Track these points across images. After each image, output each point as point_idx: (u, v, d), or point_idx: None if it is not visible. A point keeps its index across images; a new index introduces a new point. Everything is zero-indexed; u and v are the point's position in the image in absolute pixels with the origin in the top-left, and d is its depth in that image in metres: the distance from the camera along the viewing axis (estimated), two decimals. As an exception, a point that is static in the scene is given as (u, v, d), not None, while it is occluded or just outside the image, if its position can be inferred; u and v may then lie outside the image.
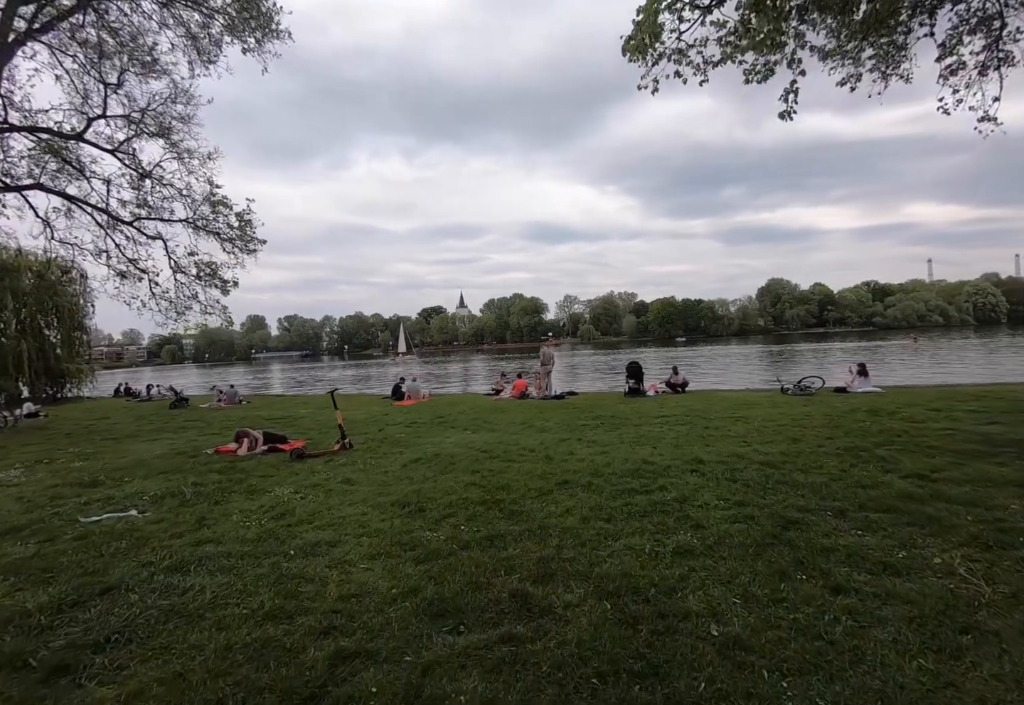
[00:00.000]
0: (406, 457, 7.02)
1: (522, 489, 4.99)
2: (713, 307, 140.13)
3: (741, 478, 5.08)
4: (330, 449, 7.82)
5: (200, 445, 9.34)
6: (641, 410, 10.95)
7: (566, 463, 6.14)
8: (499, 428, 9.52)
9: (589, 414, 10.68)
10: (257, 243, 15.73)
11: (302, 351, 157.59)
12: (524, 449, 7.17)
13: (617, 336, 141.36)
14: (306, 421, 12.65)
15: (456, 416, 11.64)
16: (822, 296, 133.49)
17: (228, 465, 7.16)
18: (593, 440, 7.73)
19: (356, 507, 4.73)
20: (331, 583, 3.08)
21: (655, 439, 7.58)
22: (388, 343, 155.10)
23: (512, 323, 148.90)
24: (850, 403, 10.71)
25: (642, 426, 8.90)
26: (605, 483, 5.10)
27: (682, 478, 5.17)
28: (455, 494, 4.94)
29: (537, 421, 10.17)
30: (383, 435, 9.34)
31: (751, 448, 6.60)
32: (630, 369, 13.47)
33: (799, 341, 73.74)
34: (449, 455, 6.96)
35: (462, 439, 8.38)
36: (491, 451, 7.13)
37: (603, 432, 8.49)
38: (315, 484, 5.76)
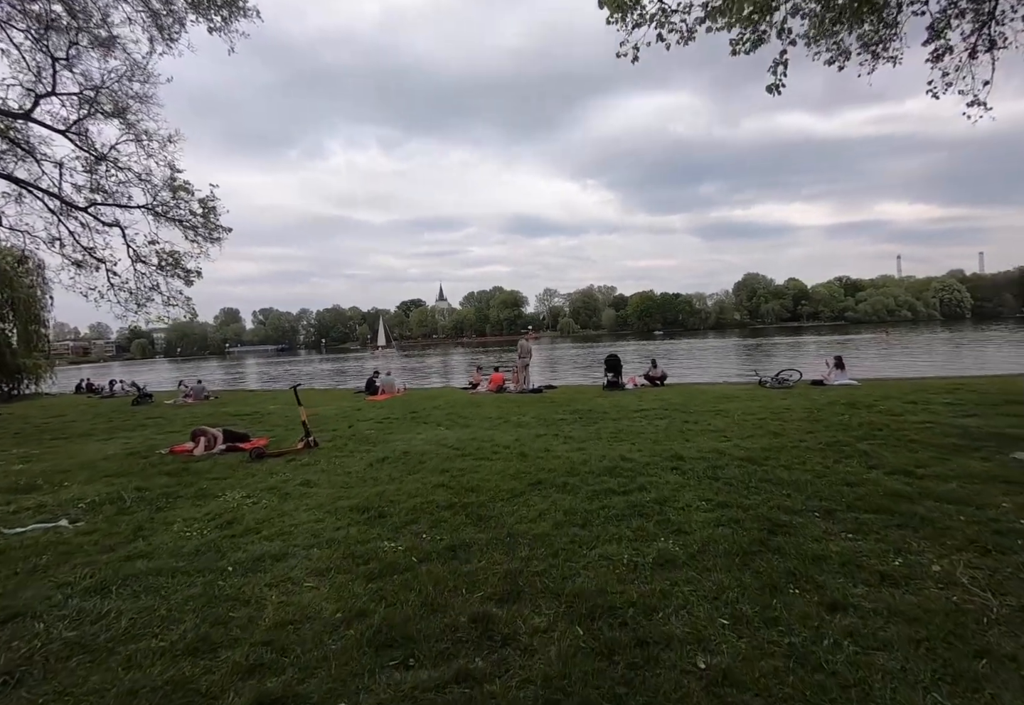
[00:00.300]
0: (373, 456, 6.63)
1: (493, 490, 4.66)
2: (691, 301, 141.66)
3: (723, 476, 4.83)
4: (293, 448, 7.39)
5: (157, 444, 8.79)
6: (620, 404, 10.72)
7: (541, 461, 5.83)
8: (473, 423, 9.18)
9: (567, 408, 10.40)
10: (222, 231, 15.02)
11: (278, 345, 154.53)
12: (498, 446, 6.84)
13: (596, 329, 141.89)
14: (274, 417, 12.13)
15: (430, 411, 11.26)
16: (796, 291, 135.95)
17: (181, 466, 6.68)
18: (570, 436, 7.44)
19: (311, 513, 4.35)
20: (269, 606, 2.71)
21: (634, 434, 7.33)
22: (366, 336, 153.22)
23: (492, 316, 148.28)
24: (828, 396, 10.63)
25: (620, 421, 8.65)
26: (581, 483, 4.80)
27: (662, 477, 4.91)
28: (420, 497, 4.58)
29: (513, 416, 9.85)
30: (352, 432, 8.92)
31: (732, 443, 6.38)
32: (609, 362, 13.24)
33: (774, 335, 74.93)
34: (419, 453, 6.60)
35: (434, 436, 8.01)
36: (463, 449, 6.79)
37: (580, 427, 8.22)
38: (271, 487, 5.34)
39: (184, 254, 15.36)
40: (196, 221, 14.73)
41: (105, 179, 14.11)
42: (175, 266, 15.33)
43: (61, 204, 14.22)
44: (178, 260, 15.35)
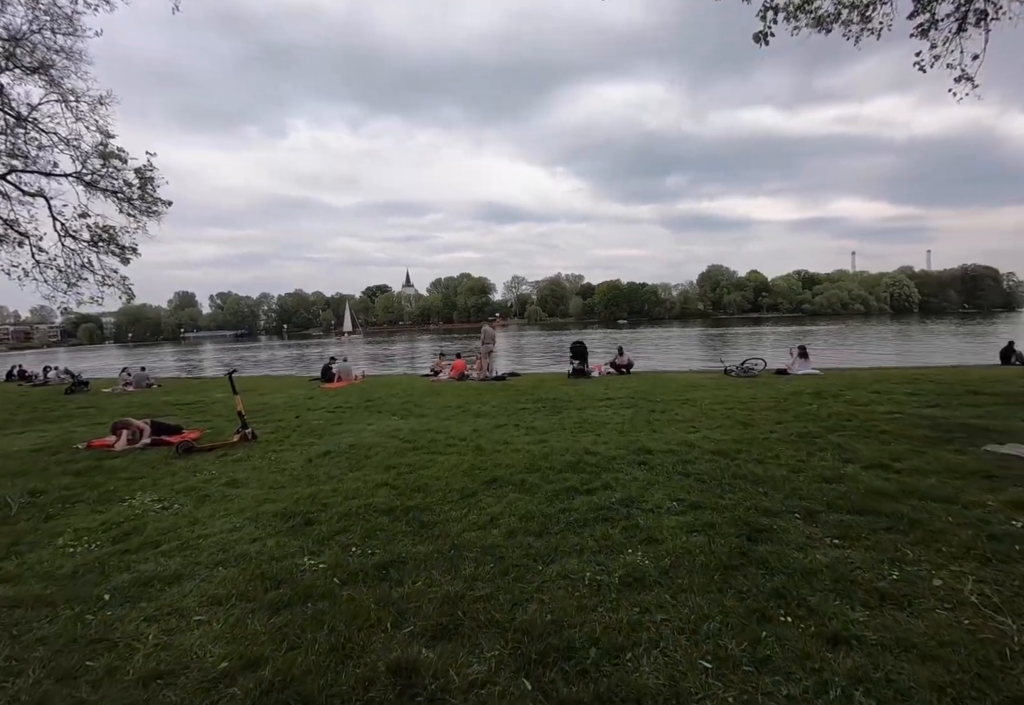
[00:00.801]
0: (316, 450, 6.01)
1: (442, 490, 4.15)
2: (656, 291, 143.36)
3: (694, 471, 4.45)
4: (226, 441, 6.69)
5: (77, 437, 7.89)
6: (585, 392, 10.34)
7: (499, 455, 5.34)
8: (430, 413, 8.63)
9: (530, 397, 9.96)
10: (161, 205, 13.84)
11: (236, 330, 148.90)
12: (454, 438, 6.33)
13: (564, 317, 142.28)
14: (218, 407, 11.27)
15: (386, 399, 10.63)
16: (757, 283, 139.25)
17: (93, 464, 5.91)
18: (532, 426, 6.99)
19: (229, 520, 3.75)
20: (140, 650, 2.14)
21: (599, 424, 6.94)
22: (330, 322, 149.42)
23: (459, 303, 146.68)
24: (793, 385, 10.52)
25: (585, 410, 8.26)
26: (541, 480, 4.34)
27: (629, 472, 4.49)
28: (359, 499, 4.03)
29: (474, 405, 9.34)
30: (298, 422, 8.24)
31: (701, 435, 6.05)
32: (575, 349, 12.84)
33: (736, 325, 76.50)
34: (366, 447, 6.02)
35: (386, 427, 7.43)
36: (415, 441, 6.24)
37: (543, 417, 7.78)
38: (191, 488, 4.69)
39: (119, 229, 14.16)
40: (132, 193, 13.52)
41: (26, 143, 12.73)
42: (109, 242, 14.08)
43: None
44: (113, 236, 14.11)
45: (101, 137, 13.00)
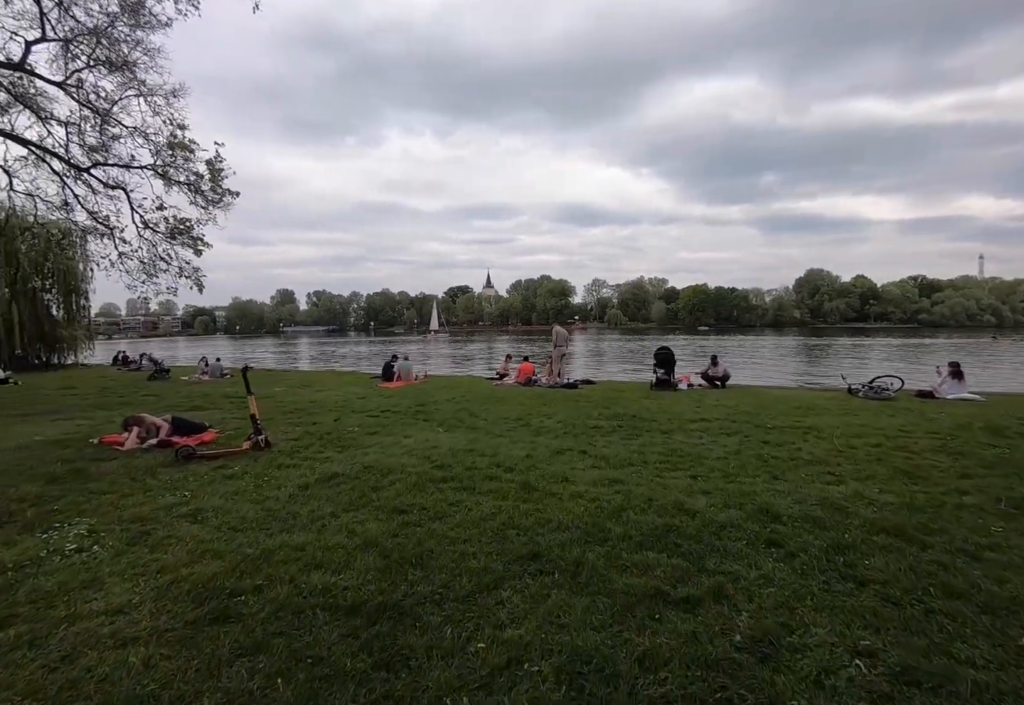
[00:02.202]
0: (324, 469, 4.80)
1: (449, 569, 2.70)
2: (747, 296, 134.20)
3: (866, 573, 2.65)
4: (233, 449, 5.68)
5: (109, 429, 7.32)
6: (672, 409, 8.51)
7: (551, 503, 3.81)
8: (482, 425, 7.24)
9: (604, 411, 8.30)
10: (229, 196, 13.61)
11: (329, 326, 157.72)
12: (500, 466, 4.87)
13: (645, 322, 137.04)
14: (267, 402, 10.61)
15: (440, 405, 9.41)
16: (864, 289, 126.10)
17: (83, 466, 5.07)
18: (603, 455, 5.38)
19: (134, 586, 2.53)
20: None
21: (694, 459, 5.19)
22: (413, 321, 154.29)
23: (538, 305, 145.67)
24: (951, 414, 8.06)
25: (673, 434, 6.50)
26: (607, 564, 2.76)
27: (752, 561, 2.80)
28: (323, 571, 2.68)
29: (536, 417, 7.86)
30: (332, 428, 7.16)
31: (848, 490, 4.16)
32: (659, 357, 10.96)
33: (837, 335, 68.96)
34: (385, 470, 4.71)
35: (424, 441, 6.13)
36: (450, 467, 4.86)
37: (619, 441, 6.13)
38: (140, 517, 3.59)
39: (194, 221, 14.15)
40: (203, 184, 13.39)
41: (107, 138, 12.91)
42: (185, 234, 14.10)
43: (64, 165, 13.14)
44: (190, 227, 14.11)
45: (175, 129, 12.94)
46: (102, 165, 13.13)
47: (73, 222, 14.75)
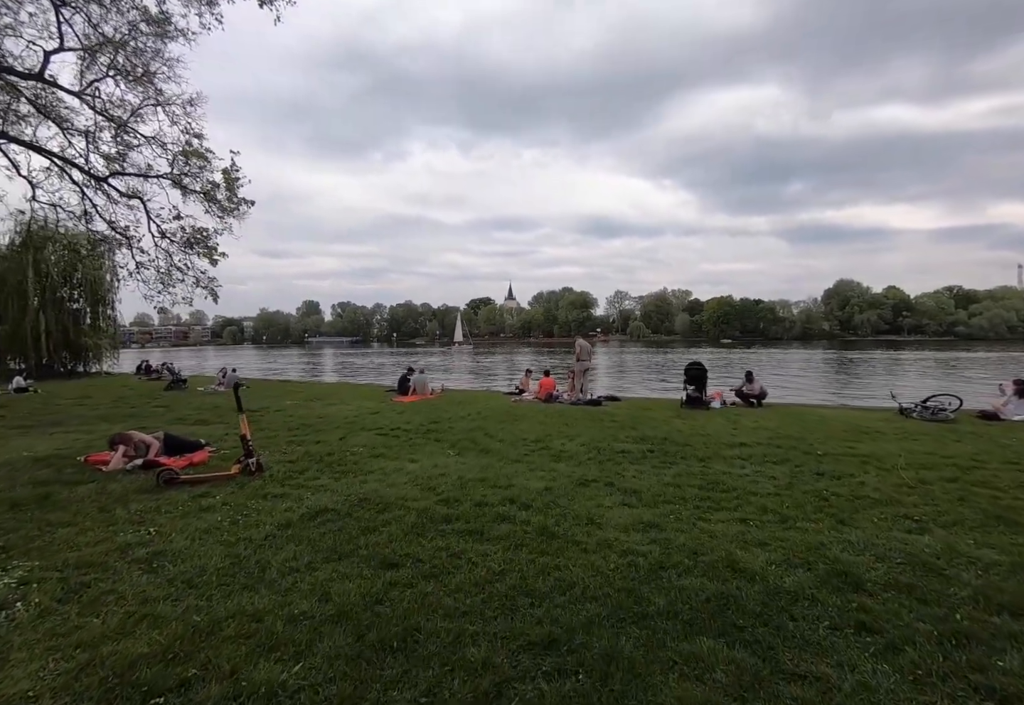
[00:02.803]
0: (315, 502, 4.21)
1: (438, 659, 2.05)
2: (774, 308, 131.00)
3: (1003, 684, 1.94)
4: (221, 473, 5.14)
5: (102, 445, 6.89)
6: (706, 431, 7.74)
7: (574, 554, 3.15)
8: (497, 447, 6.60)
9: (632, 432, 7.59)
10: (245, 205, 13.38)
11: (352, 337, 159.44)
12: (514, 502, 4.22)
13: (668, 335, 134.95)
14: (275, 417, 10.17)
15: (454, 422, 8.81)
16: (897, 301, 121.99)
17: (55, 491, 4.58)
18: (634, 488, 4.67)
19: (23, 677, 1.96)
20: None
21: (740, 495, 4.46)
22: (435, 332, 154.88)
23: (560, 317, 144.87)
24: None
25: (711, 462, 5.76)
26: (647, 658, 2.09)
27: (844, 656, 2.10)
28: (281, 655, 2.07)
29: (557, 439, 7.19)
30: (336, 448, 6.60)
31: (936, 540, 3.40)
32: (691, 373, 10.18)
33: (869, 348, 66.35)
34: (382, 506, 4.11)
35: (432, 466, 5.52)
36: (457, 501, 4.23)
37: (651, 470, 5.42)
38: (86, 563, 3.04)
39: (212, 231, 13.97)
40: (218, 193, 13.18)
41: (125, 147, 12.82)
42: (201, 243, 13.91)
43: (84, 176, 13.09)
44: (206, 237, 13.92)
45: (193, 139, 12.79)
46: (120, 175, 13.03)
47: (92, 232, 14.71)
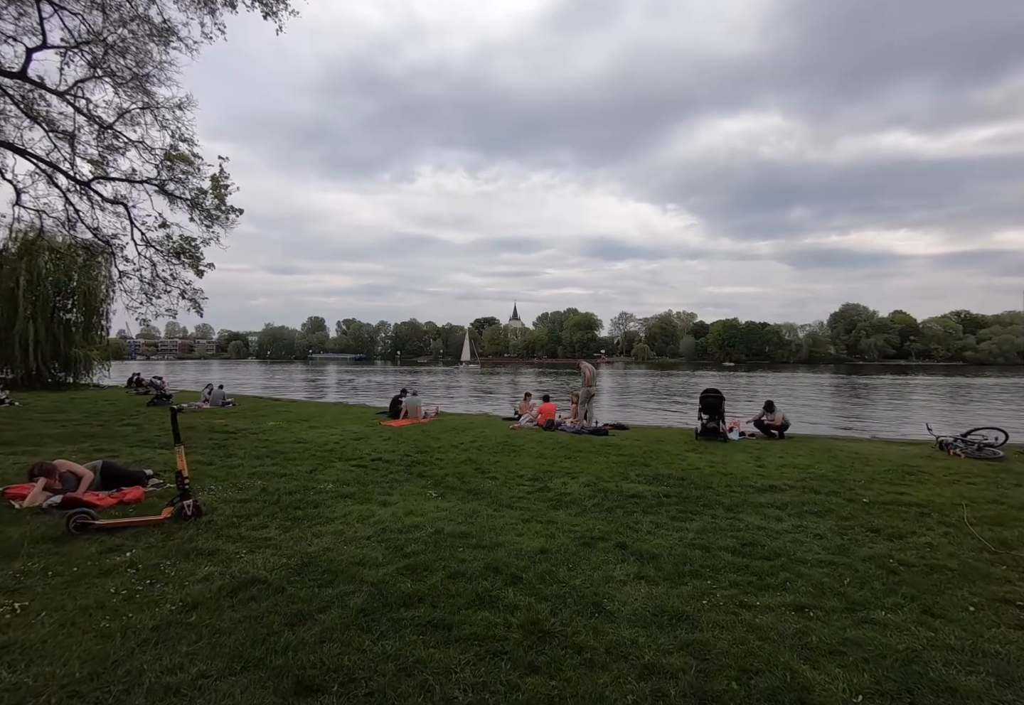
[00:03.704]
0: (244, 567, 3.29)
1: None
2: (779, 331, 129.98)
3: None
4: (147, 518, 4.23)
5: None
6: (728, 469, 6.79)
7: (577, 673, 2.22)
8: (488, 487, 5.67)
9: (643, 470, 6.65)
10: (233, 212, 12.73)
11: (356, 354, 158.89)
12: (500, 571, 3.30)
13: (673, 357, 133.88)
14: (255, 439, 9.29)
15: (444, 453, 7.90)
16: (904, 325, 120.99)
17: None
18: (651, 551, 3.73)
19: None
20: None
21: (787, 565, 3.52)
22: (439, 351, 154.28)
23: (564, 338, 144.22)
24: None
25: (742, 513, 4.82)
26: None
27: None
28: None
29: (557, 476, 6.26)
30: (300, 485, 5.69)
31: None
32: (707, 401, 9.23)
33: (876, 373, 65.01)
34: (328, 575, 3.19)
35: (408, 512, 4.61)
36: (427, 570, 3.30)
37: (669, 522, 4.48)
38: None
39: (201, 240, 13.29)
40: (207, 200, 12.54)
41: (110, 150, 12.23)
42: (189, 254, 13.22)
43: (67, 179, 12.48)
44: (196, 247, 13.25)
45: (180, 143, 12.20)
46: (103, 179, 12.42)
47: (76, 239, 14.06)
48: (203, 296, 13.68)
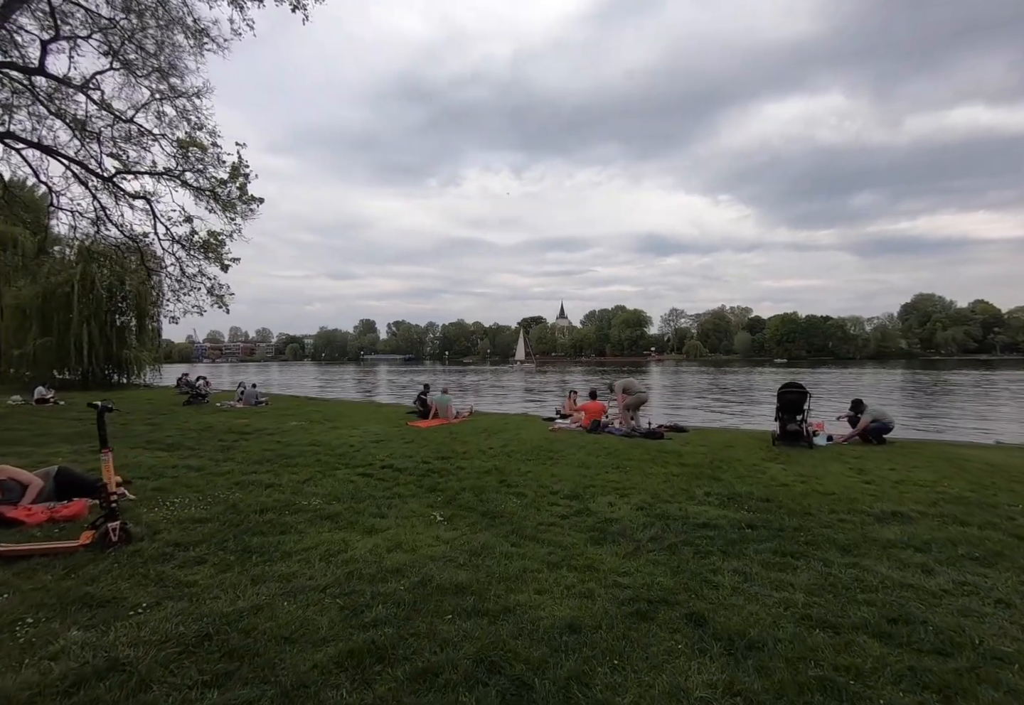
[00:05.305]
0: (119, 638, 2.19)
1: None
2: (844, 325, 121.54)
3: None
4: (59, 544, 3.25)
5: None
6: (826, 485, 5.24)
7: None
8: (510, 511, 4.41)
9: (713, 485, 5.22)
10: (254, 203, 12.07)
11: (406, 355, 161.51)
12: (504, 668, 2.06)
13: (727, 354, 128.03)
14: (270, 440, 8.47)
15: (468, 459, 6.73)
16: (986, 316, 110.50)
17: None
18: (743, 631, 2.37)
19: None
20: None
21: (972, 663, 2.08)
22: (486, 351, 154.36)
23: (612, 336, 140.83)
24: None
25: (863, 554, 3.35)
26: None
27: None
28: None
29: (602, 494, 4.94)
30: (280, 500, 4.63)
31: None
32: (787, 397, 7.60)
33: (960, 368, 58.73)
34: (233, 658, 2.04)
35: (395, 545, 3.43)
36: (387, 658, 2.10)
37: (761, 572, 3.08)
38: None
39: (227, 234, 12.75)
40: (228, 191, 11.93)
41: (129, 143, 11.80)
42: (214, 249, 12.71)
43: (90, 174, 12.14)
44: (221, 242, 12.73)
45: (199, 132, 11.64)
46: (124, 172, 12.01)
47: (104, 238, 13.85)
48: (229, 292, 13.19)
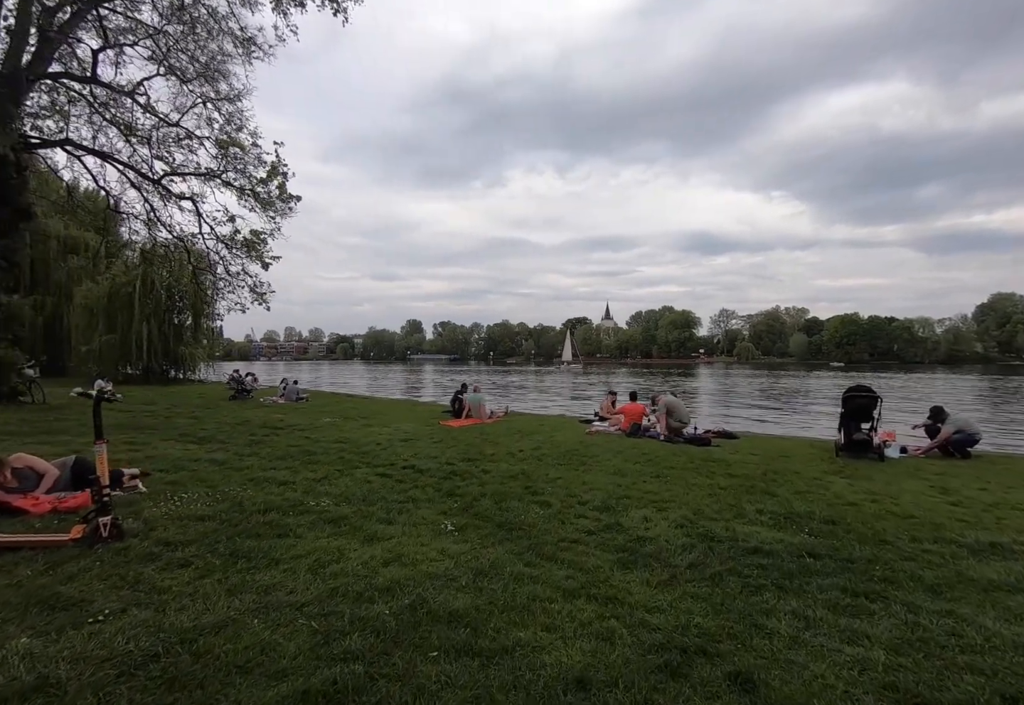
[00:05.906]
0: (41, 660, 1.90)
1: None
2: (911, 327, 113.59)
3: None
4: (48, 538, 3.06)
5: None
6: (903, 506, 4.51)
7: None
8: (532, 521, 3.95)
9: (767, 501, 4.58)
10: (292, 200, 12.14)
11: (451, 355, 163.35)
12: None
13: (781, 356, 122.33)
14: (299, 436, 8.38)
15: (495, 462, 6.32)
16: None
17: None
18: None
19: None
20: None
21: None
22: (530, 351, 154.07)
23: (659, 337, 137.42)
24: None
25: (956, 599, 2.72)
26: None
27: None
28: None
29: (635, 507, 4.41)
30: (290, 499, 4.36)
31: None
32: (854, 403, 6.75)
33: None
34: (164, 696, 1.71)
35: (395, 557, 3.05)
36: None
37: (828, 617, 2.48)
38: None
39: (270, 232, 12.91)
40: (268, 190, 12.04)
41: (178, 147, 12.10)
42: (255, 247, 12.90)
43: (148, 182, 12.52)
44: (264, 241, 12.90)
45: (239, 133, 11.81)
46: (171, 175, 12.31)
47: (155, 239, 14.30)
48: (271, 289, 13.35)
